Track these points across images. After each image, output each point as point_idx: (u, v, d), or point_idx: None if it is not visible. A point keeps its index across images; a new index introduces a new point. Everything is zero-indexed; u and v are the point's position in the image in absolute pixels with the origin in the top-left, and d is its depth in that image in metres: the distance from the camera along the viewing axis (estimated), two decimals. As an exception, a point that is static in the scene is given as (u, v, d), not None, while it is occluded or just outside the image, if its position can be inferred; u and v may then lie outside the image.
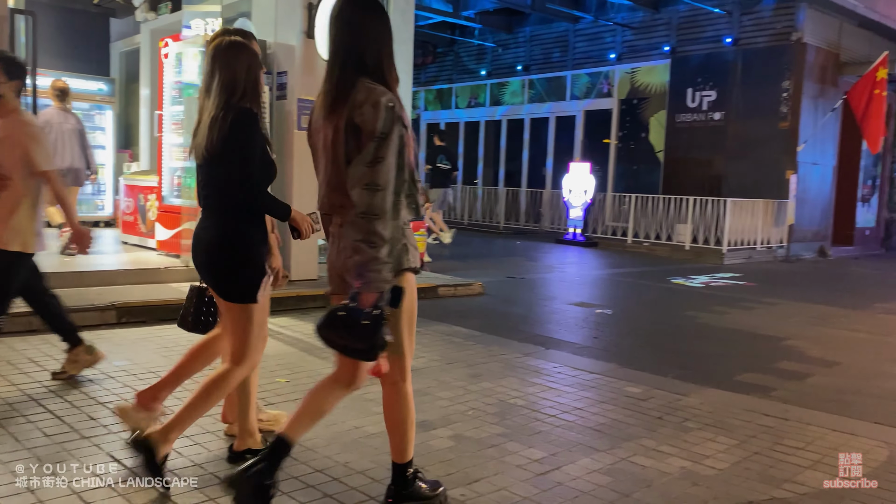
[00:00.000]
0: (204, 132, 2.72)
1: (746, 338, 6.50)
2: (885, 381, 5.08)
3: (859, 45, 15.14)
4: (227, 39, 2.79)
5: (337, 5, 2.46)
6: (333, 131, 2.39)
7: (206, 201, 2.85)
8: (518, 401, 4.20)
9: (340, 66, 2.41)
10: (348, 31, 2.41)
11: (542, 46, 18.46)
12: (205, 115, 2.75)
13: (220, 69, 2.74)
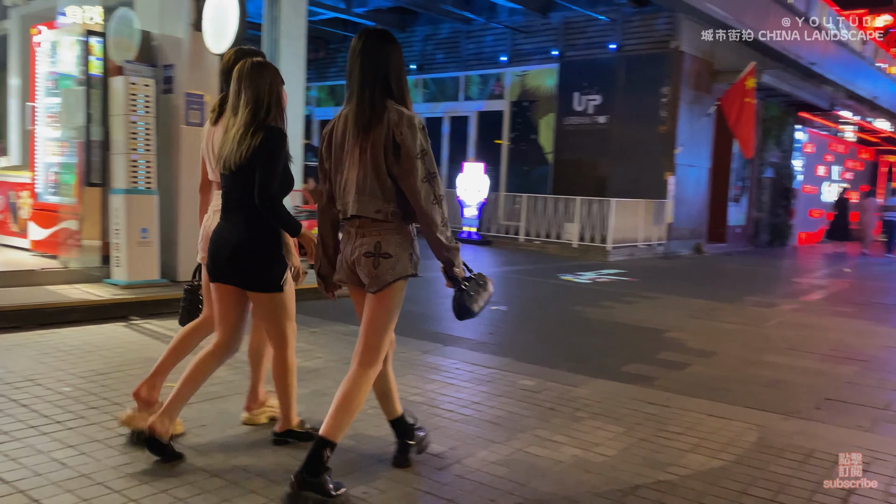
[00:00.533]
0: (232, 147, 2.96)
1: (631, 331, 6.84)
2: (757, 369, 5.48)
3: (730, 55, 16.20)
4: (250, 61, 3.05)
5: (362, 38, 2.85)
6: (371, 147, 2.74)
7: (230, 205, 3.07)
8: (417, 398, 4.24)
9: (370, 91, 2.77)
10: (374, 60, 2.80)
11: (435, 46, 18.63)
12: (231, 130, 2.98)
13: (245, 88, 2.99)
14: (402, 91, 2.84)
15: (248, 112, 2.97)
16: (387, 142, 2.72)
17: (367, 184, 2.77)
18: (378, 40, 2.84)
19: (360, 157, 2.77)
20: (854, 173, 26.41)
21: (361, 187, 2.78)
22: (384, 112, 2.75)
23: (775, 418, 4.19)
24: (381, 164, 2.74)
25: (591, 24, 15.60)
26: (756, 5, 15.57)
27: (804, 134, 21.00)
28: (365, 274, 2.84)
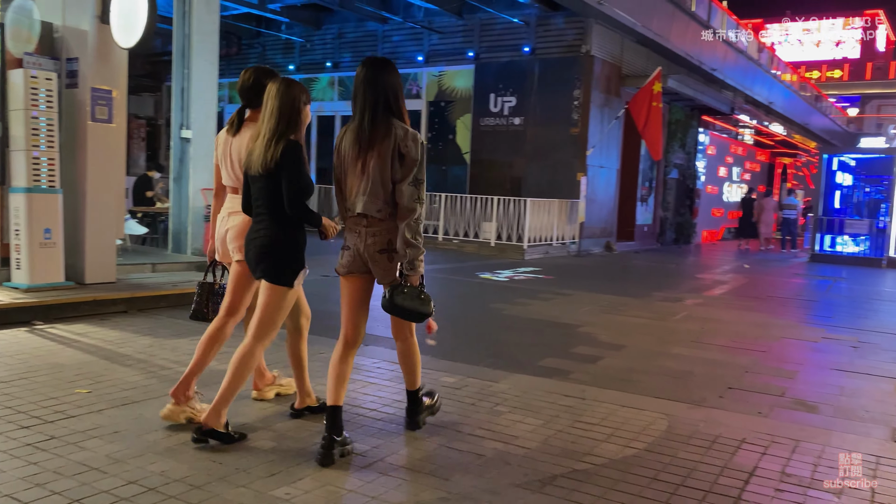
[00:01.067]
0: (260, 151, 3.30)
1: (547, 326, 7.02)
2: (664, 360, 5.74)
3: (638, 60, 16.83)
4: (282, 78, 3.44)
5: (366, 67, 3.33)
6: (378, 156, 3.23)
7: (259, 210, 3.42)
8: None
9: (375, 110, 3.26)
10: (377, 85, 3.28)
11: (351, 44, 18.52)
12: (260, 137, 3.33)
13: (272, 99, 3.33)
14: (401, 109, 3.35)
15: (273, 122, 3.31)
16: (394, 153, 3.24)
17: (371, 187, 3.26)
18: (380, 68, 3.33)
19: (367, 166, 3.26)
20: (752, 174, 27.88)
21: (371, 191, 3.27)
22: (391, 128, 3.26)
23: (682, 407, 4.41)
24: (386, 171, 3.24)
25: (505, 26, 15.87)
26: (661, 12, 16.23)
27: (706, 136, 22.04)
28: (381, 268, 3.38)
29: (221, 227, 3.78)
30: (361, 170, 3.29)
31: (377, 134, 3.25)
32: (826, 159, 17.27)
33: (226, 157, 3.74)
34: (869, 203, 17.70)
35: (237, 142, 3.67)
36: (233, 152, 3.68)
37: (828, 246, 16.61)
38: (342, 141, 3.38)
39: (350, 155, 3.32)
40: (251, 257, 3.45)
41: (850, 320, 8.37)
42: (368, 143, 3.26)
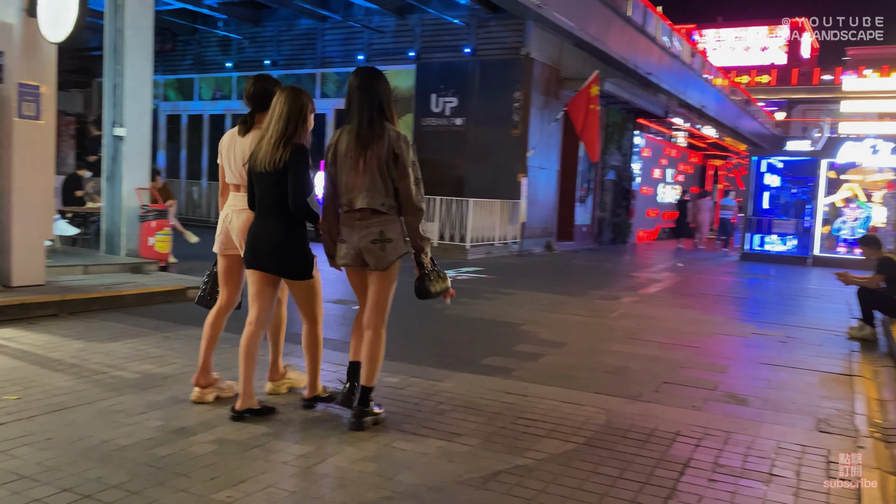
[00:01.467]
0: (267, 149, 3.62)
1: (489, 325, 7.09)
2: (603, 357, 5.87)
3: (576, 63, 17.14)
4: (290, 87, 3.77)
5: (359, 76, 3.68)
6: (376, 158, 3.58)
7: (265, 207, 3.71)
8: (281, 399, 4.20)
9: (370, 114, 3.60)
10: (370, 92, 3.63)
11: (290, 42, 18.30)
12: (266, 137, 3.66)
13: (280, 104, 3.66)
14: (392, 114, 3.70)
15: (281, 125, 3.63)
16: (388, 153, 3.58)
17: (374, 184, 3.60)
18: (372, 77, 3.69)
19: (366, 165, 3.60)
20: (685, 176, 28.71)
21: (370, 187, 3.61)
22: (384, 131, 3.60)
23: (620, 402, 4.52)
24: (383, 169, 3.59)
25: (446, 27, 15.94)
26: (598, 16, 16.57)
27: (642, 139, 22.59)
28: (373, 257, 3.67)
29: (225, 222, 4.09)
30: (364, 168, 3.61)
31: (374, 135, 3.59)
32: (755, 161, 17.92)
33: (231, 156, 4.01)
34: (796, 204, 18.44)
35: (243, 143, 3.95)
36: (237, 152, 3.97)
37: (757, 245, 17.24)
38: (337, 142, 3.70)
39: (348, 155, 3.64)
40: (262, 253, 3.76)
41: (778, 316, 8.71)
42: (367, 143, 3.59)
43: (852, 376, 5.62)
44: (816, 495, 3.22)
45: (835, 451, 3.78)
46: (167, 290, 7.41)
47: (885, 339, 7.16)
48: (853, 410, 4.64)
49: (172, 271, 9.04)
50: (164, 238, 9.03)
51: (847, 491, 3.28)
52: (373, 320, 3.82)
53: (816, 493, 3.24)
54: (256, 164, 3.67)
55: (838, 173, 16.03)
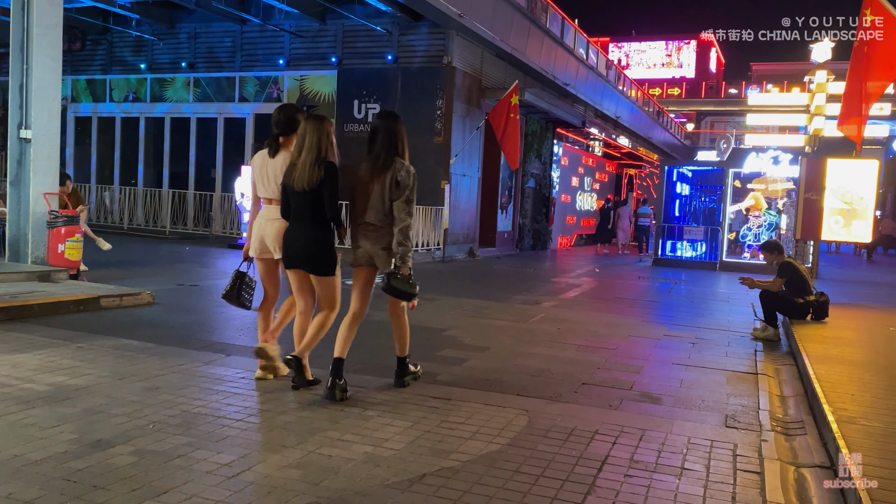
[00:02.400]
0: (303, 173, 4.40)
1: (414, 331, 7.05)
2: (524, 360, 6.01)
3: (498, 73, 17.45)
4: (313, 116, 4.60)
5: (382, 119, 4.73)
6: (381, 184, 4.53)
7: (300, 215, 4.51)
8: (202, 409, 4.12)
9: (388, 152, 4.59)
10: (389, 133, 4.64)
11: (208, 45, 17.90)
12: (299, 161, 4.44)
13: (309, 134, 4.46)
14: (404, 150, 4.68)
15: (313, 152, 4.43)
16: (392, 181, 4.52)
17: (378, 204, 4.54)
18: (393, 120, 4.74)
19: (377, 187, 4.54)
20: (601, 184, 29.59)
21: (378, 206, 4.54)
22: (393, 164, 4.56)
23: (541, 403, 4.65)
24: (386, 192, 4.52)
25: (368, 34, 15.94)
26: (518, 28, 16.92)
27: (560, 148, 23.16)
28: (381, 260, 4.60)
29: (260, 231, 4.78)
30: (373, 190, 4.55)
31: (384, 168, 4.55)
32: (667, 171, 18.66)
33: (263, 174, 4.73)
34: (705, 211, 19.31)
35: (274, 163, 4.71)
36: (269, 171, 4.71)
37: (669, 251, 17.94)
38: (359, 169, 4.65)
39: (363, 180, 4.59)
40: (294, 253, 4.56)
41: (689, 319, 9.11)
42: (378, 173, 4.55)
43: (756, 374, 5.95)
44: (724, 486, 3.41)
45: (741, 445, 4.01)
46: (78, 300, 7.13)
47: (786, 339, 7.61)
48: (757, 406, 4.92)
49: (84, 279, 8.69)
50: (74, 245, 8.68)
51: (751, 481, 3.49)
52: (395, 309, 4.85)
53: (724, 485, 3.43)
54: (294, 184, 4.44)
55: (743, 182, 16.89)
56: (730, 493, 3.33)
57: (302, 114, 4.77)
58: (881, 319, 9.01)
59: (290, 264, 4.63)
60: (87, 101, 19.63)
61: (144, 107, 18.85)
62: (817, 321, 7.88)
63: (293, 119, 4.73)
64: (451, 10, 13.82)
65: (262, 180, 4.75)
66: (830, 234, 11.75)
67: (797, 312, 7.85)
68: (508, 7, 16.20)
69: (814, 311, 7.90)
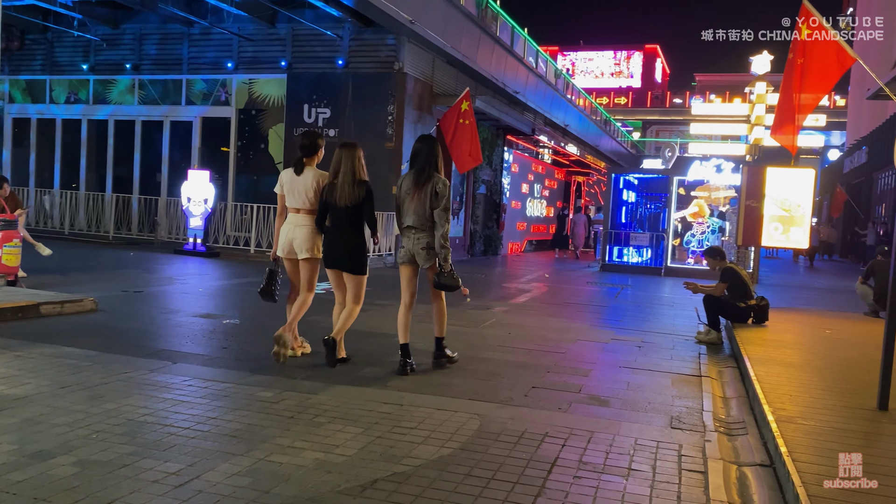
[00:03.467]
0: (344, 192, 5.44)
1: (365, 337, 7.10)
2: (476, 365, 6.05)
3: (449, 80, 17.53)
4: (346, 144, 5.62)
5: (422, 142, 5.63)
6: (423, 193, 5.48)
7: (340, 226, 5.52)
8: (148, 418, 4.04)
9: (429, 169, 5.53)
10: (429, 154, 5.57)
11: (154, 46, 17.52)
12: (338, 182, 5.46)
13: (345, 161, 5.50)
14: (440, 166, 5.62)
15: (350, 175, 5.46)
16: (432, 191, 5.50)
17: (420, 210, 5.53)
18: (431, 144, 5.67)
19: (419, 197, 5.52)
20: (551, 191, 29.96)
21: (420, 213, 5.53)
22: (432, 178, 5.53)
23: (492, 407, 4.69)
24: (427, 202, 5.51)
25: (319, 38, 15.84)
26: (469, 35, 17.05)
27: (510, 155, 23.38)
28: (423, 258, 5.61)
29: (289, 235, 5.69)
30: (415, 200, 5.53)
31: (426, 181, 5.51)
32: (614, 178, 19.01)
33: (292, 189, 5.69)
34: (650, 218, 19.73)
35: (301, 179, 5.69)
36: (297, 186, 5.68)
37: (616, 257, 18.27)
38: (403, 182, 5.64)
39: (408, 191, 5.56)
40: (337, 256, 5.57)
41: (636, 323, 9.30)
42: (420, 186, 5.51)
43: (700, 377, 6.12)
44: (670, 486, 3.50)
45: (686, 445, 4.12)
46: (17, 307, 6.89)
47: (729, 342, 7.84)
48: (701, 408, 5.06)
49: (22, 286, 8.40)
50: (12, 250, 8.39)
51: (696, 480, 3.59)
52: (435, 297, 5.80)
53: (670, 485, 3.51)
54: (337, 201, 5.46)
55: (687, 190, 17.33)
56: (675, 493, 3.42)
57: (322, 139, 5.86)
58: (818, 322, 9.35)
59: (331, 265, 5.64)
60: (26, 101, 19.00)
61: (87, 109, 18.34)
62: (758, 325, 8.14)
63: (315, 144, 5.77)
64: (403, 16, 13.85)
65: (291, 194, 5.69)
66: (770, 240, 12.13)
67: (739, 316, 8.09)
68: (459, 15, 16.32)
69: (755, 314, 8.16)
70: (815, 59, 5.37)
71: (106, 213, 16.99)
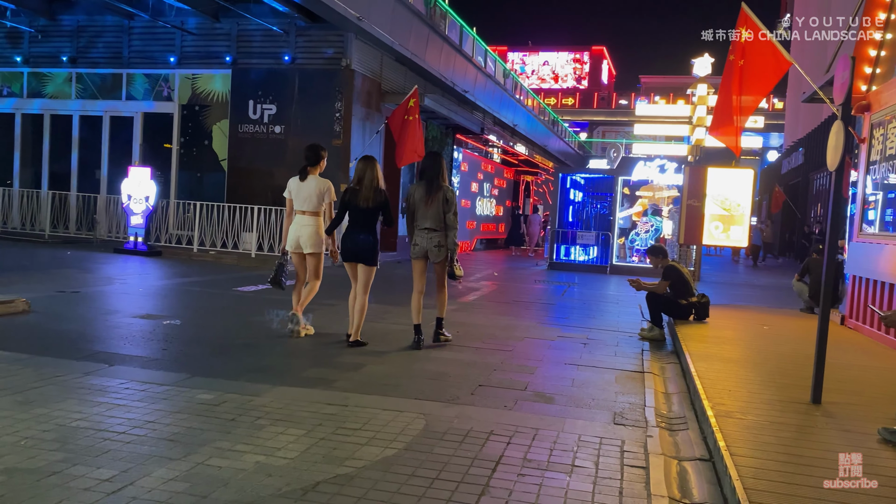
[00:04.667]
0: (368, 196, 6.43)
1: (311, 337, 7.00)
2: (423, 364, 6.03)
3: (397, 78, 17.46)
4: (368, 158, 6.60)
5: (431, 158, 6.83)
6: (436, 201, 6.52)
7: (358, 224, 6.51)
8: (81, 423, 3.89)
9: (435, 179, 6.55)
10: (436, 167, 6.61)
11: (92, 39, 16.98)
12: (362, 187, 6.45)
13: (368, 171, 6.48)
14: (446, 177, 6.69)
15: (372, 183, 6.47)
16: (442, 198, 6.53)
17: (434, 214, 6.53)
18: (438, 157, 6.79)
19: (430, 204, 6.53)
20: (500, 190, 30.14)
21: (433, 216, 6.54)
22: (441, 188, 6.54)
23: (438, 406, 4.68)
24: (438, 206, 6.53)
25: (264, 33, 15.59)
26: (417, 33, 17.01)
27: (460, 154, 23.44)
28: (434, 254, 6.61)
29: (296, 233, 6.75)
30: (429, 206, 6.57)
31: (436, 190, 6.56)
32: (561, 178, 19.23)
33: (299, 194, 6.73)
34: (596, 217, 20.01)
35: (306, 185, 6.73)
36: (303, 191, 6.72)
37: (563, 255, 18.49)
38: (415, 191, 6.65)
39: (421, 199, 6.59)
40: (356, 251, 6.53)
41: (581, 320, 9.42)
42: (432, 194, 6.56)
43: (643, 373, 6.22)
44: (612, 482, 3.53)
45: (628, 441, 4.17)
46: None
47: (671, 338, 7.99)
48: (644, 403, 5.14)
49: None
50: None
51: (637, 476, 3.63)
52: (440, 286, 6.88)
53: (612, 481, 3.55)
54: (359, 202, 6.47)
55: (632, 190, 17.64)
56: (617, 489, 3.46)
57: (324, 150, 6.94)
58: (756, 319, 9.62)
59: (348, 258, 6.58)
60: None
61: (20, 102, 17.67)
62: (699, 321, 8.33)
63: (318, 154, 6.83)
64: (350, 12, 13.72)
65: (298, 198, 6.73)
66: (711, 238, 12.42)
67: (681, 313, 8.26)
68: (408, 12, 16.26)
69: (696, 311, 8.34)
70: (755, 62, 5.50)
71: (42, 211, 16.40)
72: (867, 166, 8.56)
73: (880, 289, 7.75)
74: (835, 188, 5.02)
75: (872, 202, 8.47)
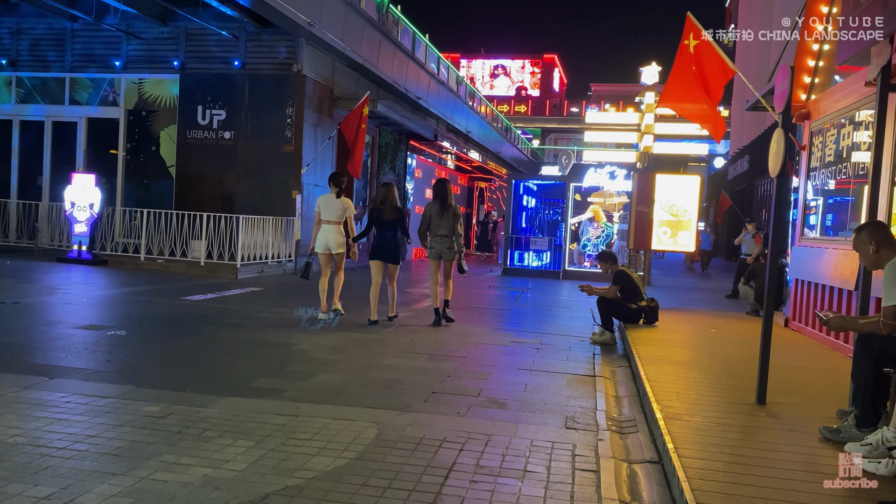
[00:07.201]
0: (390, 212, 8.59)
1: (261, 346, 6.90)
2: (375, 372, 5.98)
3: (349, 83, 17.36)
4: (390, 186, 8.80)
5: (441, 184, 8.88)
6: (448, 215, 8.70)
7: (384, 231, 8.60)
8: (18, 438, 3.75)
9: (447, 200, 8.71)
10: (448, 192, 8.77)
11: (33, 41, 16.46)
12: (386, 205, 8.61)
13: (389, 194, 8.65)
14: (452, 198, 8.77)
15: (393, 202, 8.60)
16: (452, 213, 8.67)
17: (447, 225, 8.67)
18: (447, 183, 8.86)
19: (444, 218, 8.65)
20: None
21: (445, 226, 8.67)
22: (452, 207, 8.68)
23: (391, 414, 4.64)
24: (451, 220, 8.68)
25: (213, 38, 15.33)
26: (369, 39, 16.95)
27: (414, 160, 23.43)
28: (447, 255, 8.69)
29: (325, 238, 8.59)
30: (443, 219, 8.60)
31: (448, 207, 8.58)
32: (514, 184, 19.37)
33: (329, 208, 8.61)
34: (550, 223, 20.21)
35: (336, 202, 8.65)
36: (332, 206, 8.63)
37: (517, 261, 18.62)
38: (432, 207, 8.68)
39: (437, 213, 8.62)
40: (385, 252, 8.55)
41: (534, 325, 9.48)
42: (445, 211, 8.58)
43: (595, 377, 6.29)
44: (563, 486, 3.55)
45: (580, 445, 4.21)
46: None
47: (622, 342, 8.10)
48: (595, 407, 5.19)
49: None
50: None
51: (588, 479, 3.66)
52: (449, 277, 8.78)
53: (563, 485, 3.57)
54: (384, 215, 8.50)
55: (583, 196, 17.87)
56: (568, 493, 3.48)
57: (345, 177, 9.11)
58: (704, 322, 9.83)
59: (377, 258, 8.58)
60: None
61: (-44, 106, 17.02)
62: (649, 325, 8.46)
63: (342, 181, 8.78)
64: (301, 18, 13.60)
65: (327, 212, 8.60)
66: (659, 243, 12.67)
67: (631, 317, 8.39)
68: (359, 18, 16.20)
69: (645, 315, 8.48)
70: (704, 69, 5.61)
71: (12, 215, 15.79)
72: (808, 172, 8.84)
73: (821, 291, 7.99)
74: (776, 194, 5.16)
75: (813, 207, 8.74)
